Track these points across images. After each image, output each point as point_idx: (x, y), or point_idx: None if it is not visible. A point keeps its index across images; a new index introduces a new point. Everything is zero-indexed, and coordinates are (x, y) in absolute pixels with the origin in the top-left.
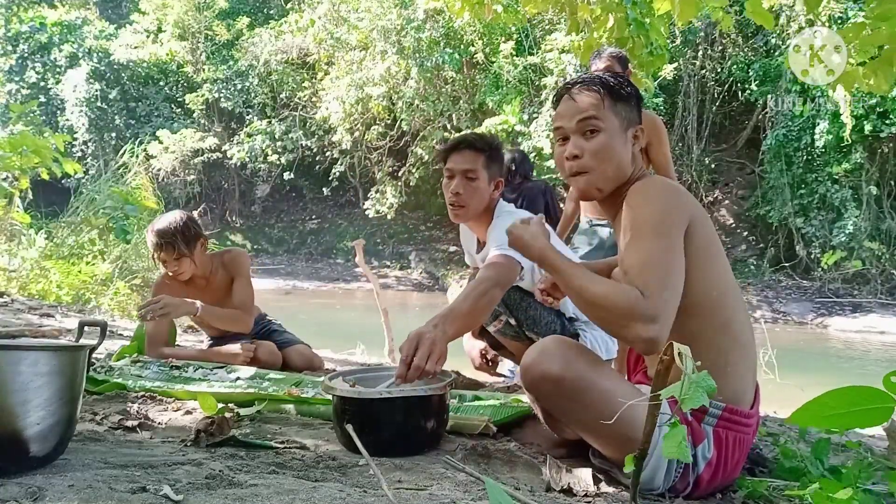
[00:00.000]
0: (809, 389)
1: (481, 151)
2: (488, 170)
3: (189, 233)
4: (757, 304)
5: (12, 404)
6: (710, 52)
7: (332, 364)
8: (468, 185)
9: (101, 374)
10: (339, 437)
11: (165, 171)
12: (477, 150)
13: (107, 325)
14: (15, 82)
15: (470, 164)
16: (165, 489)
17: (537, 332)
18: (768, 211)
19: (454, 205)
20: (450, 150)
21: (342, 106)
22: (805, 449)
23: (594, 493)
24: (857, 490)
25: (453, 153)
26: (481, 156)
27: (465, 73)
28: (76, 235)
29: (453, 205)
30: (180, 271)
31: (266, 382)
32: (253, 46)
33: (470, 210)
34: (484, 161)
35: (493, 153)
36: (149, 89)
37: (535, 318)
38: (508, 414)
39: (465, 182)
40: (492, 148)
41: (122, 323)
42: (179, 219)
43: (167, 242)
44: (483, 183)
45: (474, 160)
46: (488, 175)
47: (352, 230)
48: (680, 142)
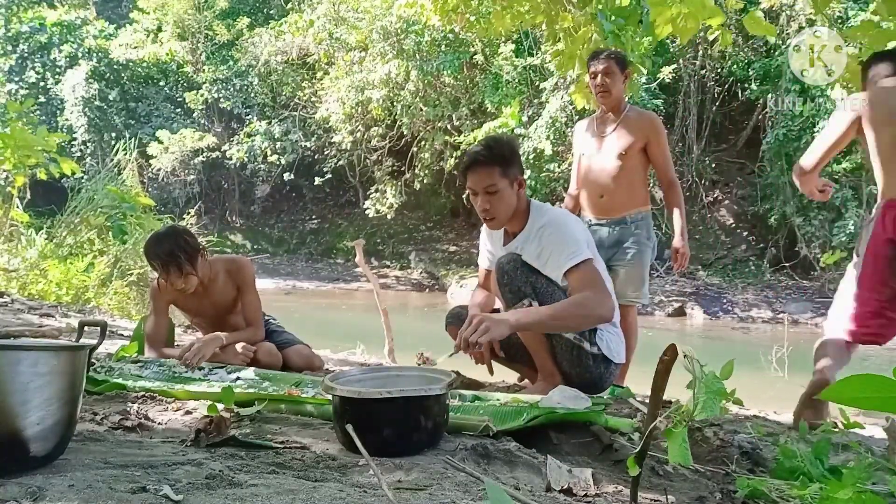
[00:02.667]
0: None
1: (495, 164)
2: (507, 177)
3: (190, 249)
4: (757, 304)
5: (12, 404)
6: (710, 52)
7: (332, 364)
8: (492, 198)
9: (101, 374)
10: (339, 437)
11: (165, 170)
12: (490, 164)
13: (107, 325)
14: (15, 82)
15: (487, 180)
16: (165, 489)
17: None
18: (768, 211)
19: (486, 219)
20: (465, 170)
21: (342, 107)
22: (805, 449)
23: (594, 493)
24: (860, 490)
25: (469, 173)
26: (496, 168)
27: (465, 73)
28: (75, 235)
29: (485, 219)
30: (188, 287)
31: (266, 382)
32: (253, 46)
33: (501, 218)
34: (500, 172)
35: (506, 159)
36: (148, 89)
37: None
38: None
39: (488, 197)
40: (504, 156)
41: (122, 323)
42: (177, 237)
43: (171, 264)
44: (506, 190)
45: (490, 175)
46: (508, 181)
47: (352, 230)
48: (680, 142)
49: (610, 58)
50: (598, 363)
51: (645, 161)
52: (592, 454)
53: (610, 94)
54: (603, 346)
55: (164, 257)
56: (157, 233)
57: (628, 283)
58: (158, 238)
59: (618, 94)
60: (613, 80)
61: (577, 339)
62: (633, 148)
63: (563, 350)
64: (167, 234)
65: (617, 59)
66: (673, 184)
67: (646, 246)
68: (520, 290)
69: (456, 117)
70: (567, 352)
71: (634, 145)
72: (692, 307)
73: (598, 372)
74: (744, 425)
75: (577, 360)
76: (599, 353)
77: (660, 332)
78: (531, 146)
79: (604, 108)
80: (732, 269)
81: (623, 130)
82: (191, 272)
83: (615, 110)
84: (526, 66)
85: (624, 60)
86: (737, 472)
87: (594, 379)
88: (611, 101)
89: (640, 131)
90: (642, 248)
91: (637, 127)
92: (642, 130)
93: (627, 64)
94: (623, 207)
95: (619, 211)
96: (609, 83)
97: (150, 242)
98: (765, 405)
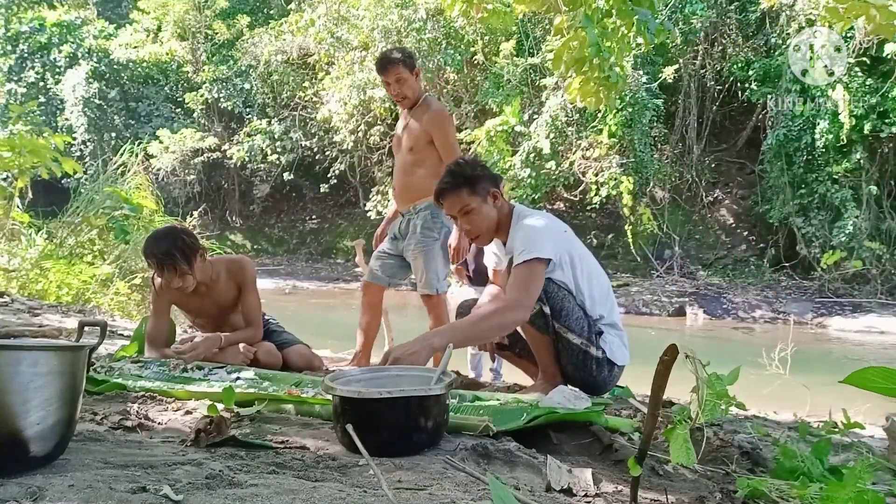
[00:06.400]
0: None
1: (461, 186)
2: (477, 194)
3: (187, 249)
4: (757, 304)
5: (12, 404)
6: (710, 52)
7: (332, 364)
8: (470, 217)
9: (101, 374)
10: (339, 437)
11: (165, 170)
12: (456, 188)
13: (107, 325)
14: (14, 82)
15: (459, 203)
16: (165, 489)
17: (566, 325)
18: (768, 211)
19: (471, 238)
20: (437, 201)
21: (344, 107)
22: (805, 449)
23: (594, 493)
24: (862, 490)
25: (443, 202)
26: (463, 190)
27: (466, 72)
28: (76, 235)
29: (470, 238)
30: (185, 286)
31: (266, 382)
32: (253, 46)
33: (486, 233)
34: (468, 192)
35: (470, 179)
36: (148, 89)
37: (568, 312)
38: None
39: (466, 218)
40: (466, 176)
41: (122, 323)
42: (175, 236)
43: (167, 263)
44: (481, 207)
45: (460, 197)
46: (480, 198)
47: (352, 230)
48: (680, 142)
49: (396, 63)
50: (603, 367)
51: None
52: (592, 454)
53: (407, 97)
54: (607, 349)
55: (161, 256)
56: (155, 232)
57: (416, 272)
58: (157, 237)
59: (413, 94)
60: (405, 84)
61: (584, 343)
62: (420, 142)
63: (568, 354)
64: (166, 234)
65: (403, 61)
66: None
67: (427, 236)
68: None
69: (457, 116)
70: (573, 356)
71: (421, 139)
72: (692, 307)
73: (602, 376)
74: (744, 425)
75: (582, 364)
76: (604, 356)
77: (660, 332)
78: (531, 145)
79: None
80: (732, 269)
81: (413, 126)
82: (187, 272)
83: (412, 108)
84: (526, 68)
85: (410, 58)
86: (737, 472)
87: (598, 383)
88: (409, 103)
89: (423, 126)
90: (424, 237)
91: (422, 122)
92: (425, 125)
93: (414, 60)
94: (412, 199)
95: (410, 202)
96: (402, 89)
97: (148, 241)
98: (765, 404)
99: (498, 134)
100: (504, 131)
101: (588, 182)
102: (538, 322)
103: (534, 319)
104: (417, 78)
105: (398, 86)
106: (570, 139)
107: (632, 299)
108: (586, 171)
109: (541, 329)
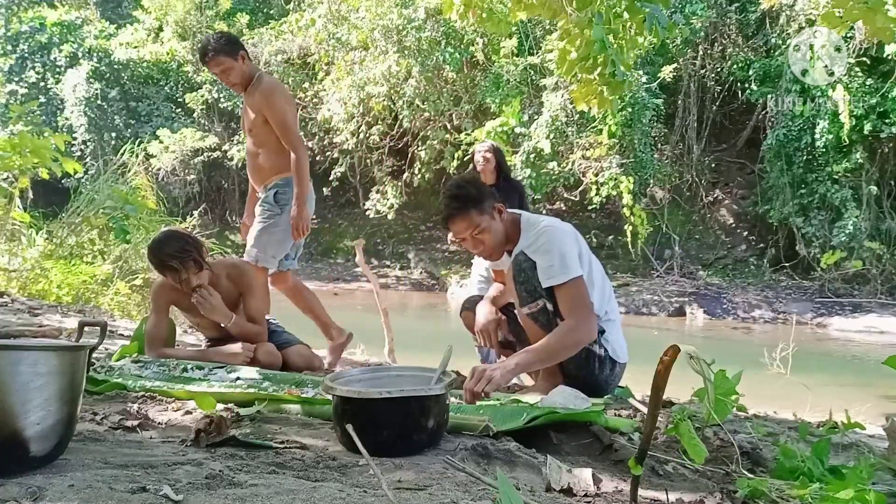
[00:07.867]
0: (814, 389)
1: (469, 209)
2: (483, 213)
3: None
4: (757, 304)
5: (12, 404)
6: (710, 52)
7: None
8: (483, 238)
9: (101, 374)
10: (339, 437)
11: (165, 170)
12: (464, 211)
13: (107, 325)
14: (15, 82)
15: (467, 226)
16: (165, 489)
17: None
18: (768, 211)
19: (481, 255)
20: (445, 225)
21: (344, 107)
22: (805, 449)
23: (594, 493)
24: (864, 490)
25: (450, 226)
26: (470, 212)
27: (466, 72)
28: (76, 235)
29: (481, 255)
30: (199, 282)
31: (266, 382)
32: (253, 46)
33: (496, 248)
34: (475, 213)
35: (476, 199)
36: (149, 89)
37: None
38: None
39: (475, 239)
40: (472, 196)
41: (122, 323)
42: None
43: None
44: (490, 225)
45: (467, 221)
46: (488, 216)
47: (352, 230)
48: (680, 142)
49: (218, 53)
50: (605, 365)
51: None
52: (592, 454)
53: (236, 84)
54: (609, 347)
55: (163, 260)
56: (158, 236)
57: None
58: (160, 242)
59: (242, 79)
60: (231, 73)
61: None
62: (256, 123)
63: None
64: (168, 239)
65: (218, 51)
66: (294, 150)
67: (270, 210)
68: (535, 289)
69: (457, 116)
70: (576, 355)
71: (257, 120)
72: (692, 307)
73: (604, 374)
74: (744, 425)
75: (584, 363)
76: (606, 354)
77: (660, 332)
78: (531, 146)
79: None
80: (732, 269)
81: (247, 107)
82: (188, 277)
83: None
84: (526, 67)
85: (228, 45)
86: (737, 472)
87: (600, 382)
88: (241, 88)
89: (256, 106)
90: (265, 210)
91: (254, 102)
92: (257, 105)
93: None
94: (262, 181)
95: (261, 183)
96: (229, 78)
97: (151, 245)
98: (765, 403)
99: (498, 134)
100: (504, 132)
101: (588, 182)
102: (542, 318)
103: (538, 315)
104: (245, 60)
105: (224, 76)
106: (570, 139)
107: (632, 299)
108: (586, 172)
109: (544, 326)
